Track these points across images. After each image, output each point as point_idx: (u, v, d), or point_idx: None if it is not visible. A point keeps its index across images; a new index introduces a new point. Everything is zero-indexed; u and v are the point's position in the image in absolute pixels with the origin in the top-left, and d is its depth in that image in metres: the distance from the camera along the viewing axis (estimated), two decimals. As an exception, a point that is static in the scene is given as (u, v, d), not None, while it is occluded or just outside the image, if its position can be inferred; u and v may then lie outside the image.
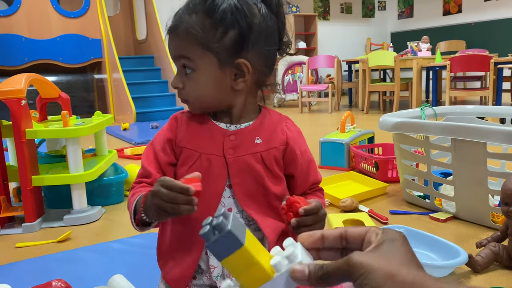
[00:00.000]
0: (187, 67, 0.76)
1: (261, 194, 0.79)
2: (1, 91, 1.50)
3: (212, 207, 0.76)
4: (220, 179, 0.78)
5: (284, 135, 0.82)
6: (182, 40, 0.75)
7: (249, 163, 0.78)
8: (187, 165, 0.78)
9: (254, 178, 0.78)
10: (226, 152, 0.78)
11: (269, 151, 0.80)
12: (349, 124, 2.46)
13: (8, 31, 4.78)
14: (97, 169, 1.73)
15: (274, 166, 0.80)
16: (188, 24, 0.74)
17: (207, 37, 0.74)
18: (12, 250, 1.41)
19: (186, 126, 0.81)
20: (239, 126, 0.80)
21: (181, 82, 0.77)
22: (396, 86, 4.65)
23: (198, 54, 0.75)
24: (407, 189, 1.67)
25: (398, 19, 8.69)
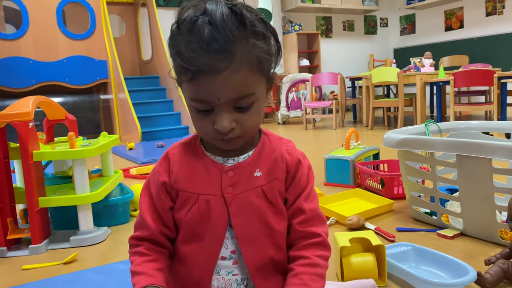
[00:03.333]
0: (246, 104, 0.68)
1: (264, 234, 0.74)
2: (9, 114, 1.53)
3: (215, 252, 0.74)
4: (220, 221, 0.73)
5: (284, 162, 0.76)
6: (243, 77, 0.65)
7: (249, 200, 0.73)
8: (185, 209, 0.74)
9: (256, 217, 0.73)
10: (225, 191, 0.73)
11: (271, 183, 0.75)
12: (353, 141, 2.47)
13: (16, 54, 4.86)
14: (103, 190, 1.74)
15: (278, 200, 0.75)
16: (250, 56, 0.65)
17: (270, 61, 0.69)
18: (19, 272, 1.41)
19: (179, 165, 0.75)
20: (237, 159, 0.75)
21: (233, 121, 0.68)
22: (400, 102, 4.66)
23: (258, 83, 0.69)
24: (414, 205, 1.66)
25: (401, 35, 8.76)
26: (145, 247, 0.75)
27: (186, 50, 0.64)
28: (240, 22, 0.64)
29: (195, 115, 0.70)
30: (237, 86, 0.65)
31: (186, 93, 0.69)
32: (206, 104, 0.67)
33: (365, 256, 1.16)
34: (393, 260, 1.17)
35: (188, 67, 0.64)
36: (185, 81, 0.67)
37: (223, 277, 0.75)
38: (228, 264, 0.75)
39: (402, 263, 1.20)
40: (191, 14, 0.66)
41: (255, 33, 0.66)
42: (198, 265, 0.74)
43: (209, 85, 0.64)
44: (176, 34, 0.67)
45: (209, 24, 0.63)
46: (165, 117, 5.29)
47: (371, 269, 1.14)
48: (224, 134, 0.68)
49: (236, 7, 0.65)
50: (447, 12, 7.80)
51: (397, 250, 1.27)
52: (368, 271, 1.13)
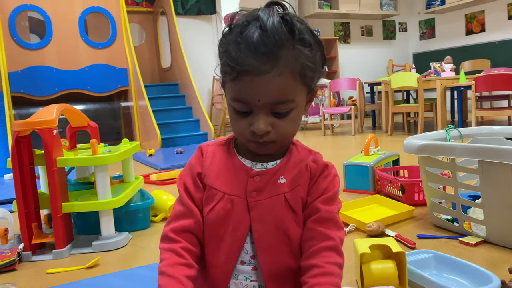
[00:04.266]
0: (284, 110, 0.70)
1: (283, 242, 0.74)
2: (34, 121, 1.57)
3: (234, 255, 0.74)
4: (242, 224, 0.74)
5: (308, 170, 0.77)
6: (285, 82, 0.67)
7: (271, 207, 0.74)
8: (210, 205, 0.75)
9: (275, 225, 0.74)
10: (249, 195, 0.74)
11: (294, 190, 0.75)
12: (373, 147, 2.45)
13: (40, 63, 4.99)
14: (124, 196, 1.77)
15: (300, 207, 0.75)
16: (294, 62, 0.67)
17: (314, 71, 0.71)
18: (43, 276, 1.44)
19: (211, 161, 0.78)
20: (265, 165, 0.77)
21: (269, 125, 0.70)
22: (420, 108, 4.61)
23: (299, 91, 0.71)
24: (435, 212, 1.64)
25: (420, 40, 8.67)
26: (182, 246, 0.73)
27: (234, 49, 0.67)
28: (289, 30, 0.67)
29: (234, 115, 0.72)
30: (277, 90, 0.67)
31: (228, 93, 0.72)
32: (246, 105, 0.69)
33: (386, 263, 1.15)
34: (414, 267, 1.16)
35: (233, 66, 0.67)
36: (228, 80, 0.70)
37: (241, 282, 0.75)
38: (247, 269, 0.75)
39: (423, 271, 1.19)
40: (243, 18, 0.69)
41: (302, 41, 0.68)
42: (216, 267, 0.75)
43: (251, 85, 0.67)
44: (227, 35, 0.71)
45: (259, 29, 0.66)
46: (184, 123, 5.35)
47: (392, 276, 1.12)
48: (259, 137, 0.70)
49: (288, 16, 0.68)
50: (468, 16, 7.68)
51: (418, 257, 1.26)
52: (389, 278, 1.12)
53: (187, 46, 6.09)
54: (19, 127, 1.56)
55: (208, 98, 6.70)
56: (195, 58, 6.08)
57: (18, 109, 4.88)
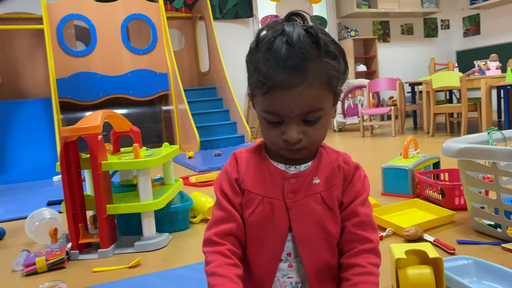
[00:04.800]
0: (315, 118, 0.73)
1: (322, 238, 0.78)
2: (80, 128, 1.66)
3: (277, 254, 0.77)
4: (282, 223, 0.78)
5: (341, 171, 0.81)
6: (315, 93, 0.71)
7: (309, 205, 0.78)
8: (250, 209, 0.79)
9: (315, 222, 0.78)
10: (286, 196, 0.78)
11: (329, 190, 0.79)
12: (412, 149, 2.40)
13: (86, 69, 5.22)
14: (165, 198, 1.83)
15: (336, 205, 0.80)
16: (322, 74, 0.71)
17: (339, 79, 0.75)
18: (89, 274, 1.52)
19: (246, 167, 0.82)
20: (298, 167, 0.80)
21: (300, 133, 0.74)
22: (464, 108, 4.46)
23: (327, 98, 0.75)
24: (476, 217, 1.60)
25: (464, 37, 8.37)
26: (228, 248, 0.76)
27: (264, 66, 0.70)
28: (315, 43, 0.70)
29: (266, 125, 0.76)
30: (308, 101, 0.71)
31: (259, 105, 0.75)
32: (278, 116, 0.73)
33: (422, 269, 1.13)
34: (453, 274, 1.14)
35: (265, 82, 0.70)
36: (259, 94, 0.73)
37: (279, 279, 0.79)
38: (284, 266, 0.79)
39: (462, 277, 1.17)
40: (269, 34, 0.72)
41: (328, 53, 0.72)
42: (259, 266, 0.78)
43: (283, 99, 0.70)
44: (254, 52, 0.74)
45: (286, 44, 0.69)
46: (222, 126, 5.43)
47: (428, 282, 1.11)
48: (291, 145, 0.74)
49: (312, 29, 0.71)
50: (516, 11, 7.35)
51: (457, 263, 1.23)
52: (425, 284, 1.11)
53: (225, 49, 6.18)
54: (67, 133, 1.65)
55: (245, 101, 6.76)
56: (232, 62, 6.15)
57: (65, 114, 5.12)
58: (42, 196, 2.94)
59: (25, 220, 1.94)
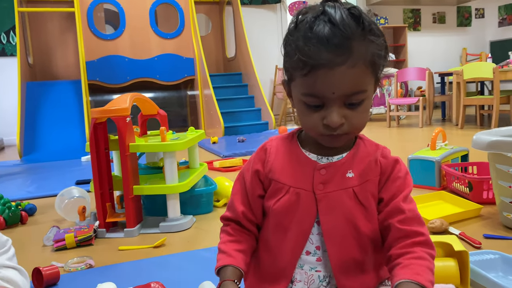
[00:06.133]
0: (358, 101, 0.70)
1: (352, 235, 0.75)
2: (109, 109, 1.69)
3: (300, 245, 0.76)
4: (308, 215, 0.76)
5: (378, 165, 0.77)
6: (359, 73, 0.68)
7: (340, 199, 0.74)
8: (275, 198, 0.77)
9: (344, 217, 0.74)
10: (316, 187, 0.75)
11: (363, 185, 0.75)
12: (440, 141, 2.36)
13: (114, 53, 5.30)
14: (190, 181, 1.86)
15: (371, 202, 0.75)
16: (366, 53, 0.68)
17: (382, 59, 0.72)
18: (115, 252, 1.57)
19: (275, 156, 0.79)
20: (330, 158, 0.77)
21: (342, 117, 0.70)
22: (495, 100, 4.32)
23: (370, 80, 0.71)
24: (505, 212, 1.56)
25: (499, 27, 8.08)
26: (231, 227, 0.81)
27: (306, 45, 0.67)
28: (359, 22, 0.67)
29: (305, 110, 0.72)
30: (351, 81, 0.67)
31: (298, 89, 0.71)
32: (319, 99, 0.69)
33: (447, 261, 1.12)
34: (478, 268, 1.12)
35: (307, 61, 0.67)
36: (299, 76, 0.70)
37: (306, 272, 0.77)
38: (312, 260, 0.77)
39: (488, 272, 1.15)
40: (309, 15, 0.69)
41: (372, 32, 0.69)
42: (282, 255, 0.77)
43: (326, 79, 0.67)
44: (293, 33, 0.70)
45: (329, 22, 0.66)
46: (246, 112, 5.44)
47: (453, 275, 1.10)
48: (332, 130, 0.70)
49: (354, 9, 0.68)
50: (556, 0, 7.04)
51: (483, 257, 1.21)
52: (450, 277, 1.10)
53: (251, 35, 6.16)
54: (97, 114, 1.69)
55: (270, 88, 6.74)
56: (259, 48, 6.13)
57: (94, 96, 5.23)
58: (71, 175, 3.02)
59: (55, 197, 2.01)
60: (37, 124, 4.60)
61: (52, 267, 1.28)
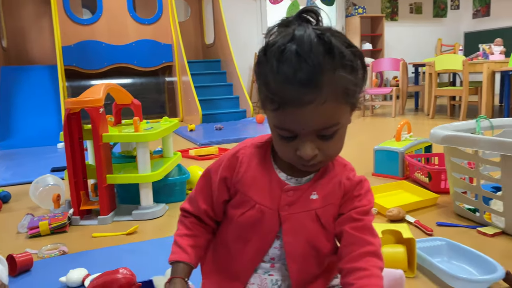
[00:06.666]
0: (330, 133, 0.69)
1: (311, 255, 0.78)
2: (83, 100, 1.73)
3: (258, 257, 0.79)
4: (270, 233, 0.78)
5: (341, 188, 0.78)
6: (329, 109, 0.65)
7: (303, 222, 0.76)
8: (240, 210, 0.78)
9: (306, 239, 0.77)
10: (281, 208, 0.76)
11: (326, 208, 0.77)
12: (405, 132, 2.46)
13: (91, 38, 5.25)
14: (163, 170, 1.91)
15: (331, 224, 0.78)
16: (337, 88, 0.65)
17: (356, 91, 0.69)
18: (89, 239, 1.62)
19: (246, 168, 0.78)
20: (299, 180, 0.78)
21: (315, 148, 0.69)
22: (464, 91, 4.48)
23: (343, 112, 0.69)
24: (457, 201, 1.68)
25: (473, 18, 8.26)
26: (190, 221, 0.84)
27: (273, 81, 0.65)
28: (329, 52, 0.63)
29: (279, 140, 0.71)
30: (322, 118, 0.66)
31: (271, 120, 0.71)
32: (290, 132, 0.68)
33: (396, 248, 1.22)
34: (424, 253, 1.22)
35: (273, 99, 0.65)
36: (270, 110, 0.69)
37: (260, 276, 0.81)
38: (266, 266, 0.81)
39: (435, 257, 1.25)
40: (279, 41, 0.65)
41: (343, 66, 0.65)
42: (240, 262, 0.81)
43: (295, 116, 0.65)
44: (263, 62, 0.68)
45: (296, 55, 0.63)
46: (224, 100, 5.48)
47: (401, 260, 1.20)
48: (306, 161, 0.70)
49: (325, 35, 0.64)
50: (527, -7, 7.23)
51: (431, 244, 1.32)
52: (398, 261, 1.20)
53: (231, 22, 6.15)
54: (70, 105, 1.73)
55: (248, 75, 6.77)
56: (238, 35, 6.14)
57: (71, 82, 5.18)
58: (47, 162, 3.04)
59: (30, 185, 2.04)
60: (12, 110, 4.55)
61: (25, 254, 1.33)
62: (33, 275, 1.31)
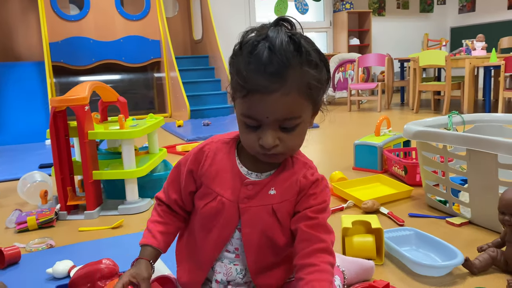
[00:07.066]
0: (291, 126, 0.75)
1: (267, 245, 0.83)
2: (68, 99, 1.78)
3: (219, 246, 0.85)
4: (230, 223, 0.83)
5: (297, 185, 0.82)
6: (292, 100, 0.72)
7: (260, 215, 0.82)
8: (204, 201, 0.85)
9: (262, 231, 0.82)
10: (241, 201, 0.82)
11: (282, 203, 0.82)
12: (385, 128, 2.54)
13: (79, 34, 5.25)
14: (148, 166, 1.97)
15: (286, 219, 0.83)
16: (301, 82, 0.72)
17: (319, 89, 0.75)
18: (76, 233, 1.68)
19: (211, 162, 0.85)
20: (259, 175, 0.83)
21: (276, 139, 0.75)
22: (447, 86, 4.57)
23: (305, 107, 0.75)
24: (429, 194, 1.76)
25: (459, 13, 8.37)
26: (162, 209, 0.92)
27: (245, 69, 0.71)
28: (297, 50, 0.71)
29: (244, 129, 0.77)
30: (285, 108, 0.72)
31: (239, 108, 0.77)
32: (255, 121, 0.74)
33: (365, 237, 1.30)
34: (394, 243, 1.30)
35: (243, 85, 0.72)
36: (239, 97, 0.75)
37: (226, 265, 0.88)
38: (231, 256, 0.88)
39: (403, 246, 1.34)
40: (253, 38, 0.73)
41: (309, 62, 0.73)
42: (204, 250, 0.88)
43: (261, 103, 0.71)
44: (237, 54, 0.75)
45: (268, 49, 0.70)
46: (212, 96, 5.52)
47: (370, 248, 1.27)
48: (267, 150, 0.75)
49: (295, 36, 0.72)
50: (511, -11, 7.35)
51: (400, 233, 1.40)
52: (367, 250, 1.27)
53: (219, 18, 6.18)
54: (56, 103, 1.77)
55: (238, 70, 6.80)
56: (226, 31, 6.17)
57: (58, 78, 5.18)
58: (35, 159, 3.07)
59: (17, 181, 2.08)
60: (-1, 106, 4.55)
61: (13, 248, 1.38)
62: (21, 267, 1.37)
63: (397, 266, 1.26)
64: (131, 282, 0.81)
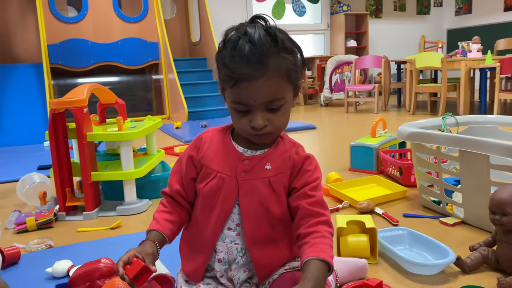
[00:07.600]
0: (277, 106, 0.86)
1: (264, 215, 0.91)
2: (67, 101, 1.80)
3: (221, 221, 0.92)
4: (230, 197, 0.91)
5: (291, 160, 0.93)
6: (275, 84, 0.83)
7: (257, 186, 0.90)
8: (205, 181, 0.92)
9: (259, 201, 0.90)
10: (239, 175, 0.91)
11: (277, 176, 0.91)
12: (380, 129, 2.57)
13: (77, 36, 5.27)
14: (146, 167, 1.99)
15: (282, 190, 0.91)
16: (281, 67, 0.83)
17: (296, 72, 0.87)
18: (74, 233, 1.70)
19: (208, 145, 0.94)
20: (254, 152, 0.93)
21: (265, 119, 0.86)
22: (443, 88, 4.61)
23: (287, 89, 0.87)
24: (423, 194, 1.78)
25: (456, 15, 8.42)
26: (167, 200, 0.98)
27: (231, 62, 0.82)
28: (273, 41, 0.83)
29: (235, 115, 0.88)
30: (269, 91, 0.83)
31: (229, 97, 0.87)
32: (244, 106, 0.85)
33: (360, 237, 1.32)
34: (387, 242, 1.33)
35: (231, 76, 0.82)
36: (228, 87, 0.85)
37: (227, 244, 0.94)
38: (232, 234, 0.93)
39: (397, 245, 1.36)
40: (234, 35, 0.84)
41: (285, 49, 0.85)
42: (207, 230, 0.94)
43: (248, 89, 0.82)
44: (222, 50, 0.86)
45: (248, 42, 0.81)
46: (210, 97, 5.54)
47: (364, 248, 1.30)
48: (258, 130, 0.86)
49: (271, 29, 0.84)
50: (507, -9, 7.40)
51: (394, 233, 1.42)
52: (361, 249, 1.30)
53: (216, 20, 6.21)
54: (55, 106, 1.79)
55: (235, 72, 6.83)
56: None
57: (56, 80, 5.20)
58: (33, 161, 3.09)
59: (17, 182, 2.10)
60: (-2, 108, 4.57)
61: (13, 248, 1.40)
62: (21, 267, 1.39)
63: (391, 265, 1.29)
64: (136, 256, 0.85)
